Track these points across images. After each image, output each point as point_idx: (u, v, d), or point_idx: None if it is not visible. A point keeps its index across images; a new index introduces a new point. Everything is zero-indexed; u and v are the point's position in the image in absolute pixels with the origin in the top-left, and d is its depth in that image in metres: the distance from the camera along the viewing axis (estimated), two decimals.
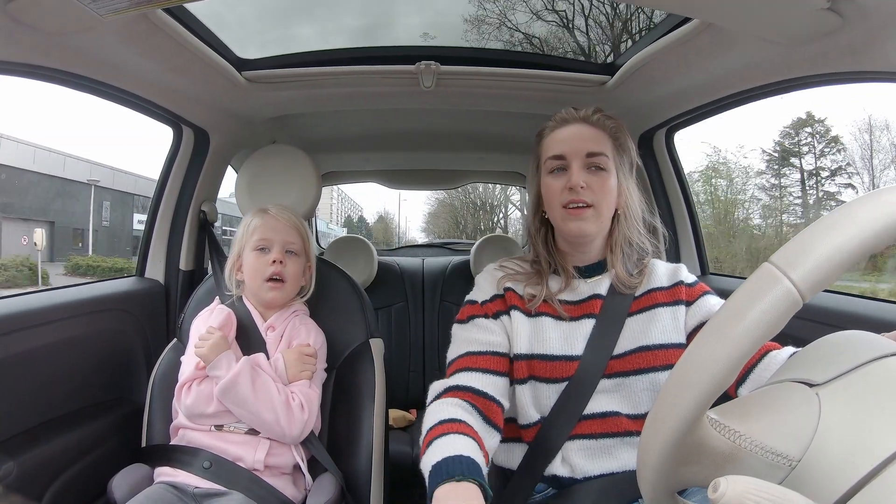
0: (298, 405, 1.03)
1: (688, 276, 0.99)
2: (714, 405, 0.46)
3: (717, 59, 1.07)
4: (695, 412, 0.44)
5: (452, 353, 0.94)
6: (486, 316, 0.95)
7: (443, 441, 0.76)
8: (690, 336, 0.94)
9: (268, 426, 1.01)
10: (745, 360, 0.43)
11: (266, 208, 1.18)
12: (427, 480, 0.71)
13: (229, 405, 1.01)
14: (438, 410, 0.83)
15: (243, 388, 1.00)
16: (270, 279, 1.11)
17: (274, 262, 1.11)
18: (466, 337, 0.95)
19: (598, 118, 0.95)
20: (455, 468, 0.69)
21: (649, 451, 0.47)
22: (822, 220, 0.43)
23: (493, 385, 0.89)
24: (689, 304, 0.96)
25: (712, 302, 0.96)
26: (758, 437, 0.46)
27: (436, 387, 0.89)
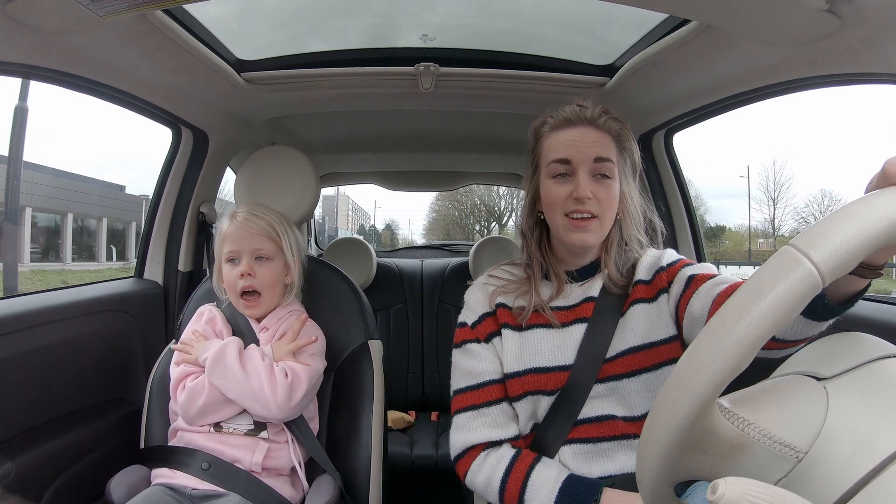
0: (282, 371, 1.02)
1: (667, 259, 0.96)
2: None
3: (716, 61, 1.07)
4: (709, 395, 0.42)
5: (453, 384, 0.97)
6: (477, 341, 0.95)
7: (538, 471, 0.85)
8: (679, 312, 0.90)
9: (252, 394, 1.00)
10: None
11: (236, 212, 1.15)
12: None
13: (217, 381, 1.00)
14: (495, 461, 0.88)
15: (230, 358, 1.01)
16: (244, 293, 1.10)
17: (243, 275, 1.09)
18: (462, 367, 0.97)
19: (604, 121, 0.90)
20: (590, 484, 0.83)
21: (655, 436, 0.46)
22: (843, 208, 0.43)
23: (502, 413, 0.93)
24: (668, 288, 0.92)
25: (689, 271, 0.91)
26: (766, 426, 0.45)
27: (459, 442, 0.93)
